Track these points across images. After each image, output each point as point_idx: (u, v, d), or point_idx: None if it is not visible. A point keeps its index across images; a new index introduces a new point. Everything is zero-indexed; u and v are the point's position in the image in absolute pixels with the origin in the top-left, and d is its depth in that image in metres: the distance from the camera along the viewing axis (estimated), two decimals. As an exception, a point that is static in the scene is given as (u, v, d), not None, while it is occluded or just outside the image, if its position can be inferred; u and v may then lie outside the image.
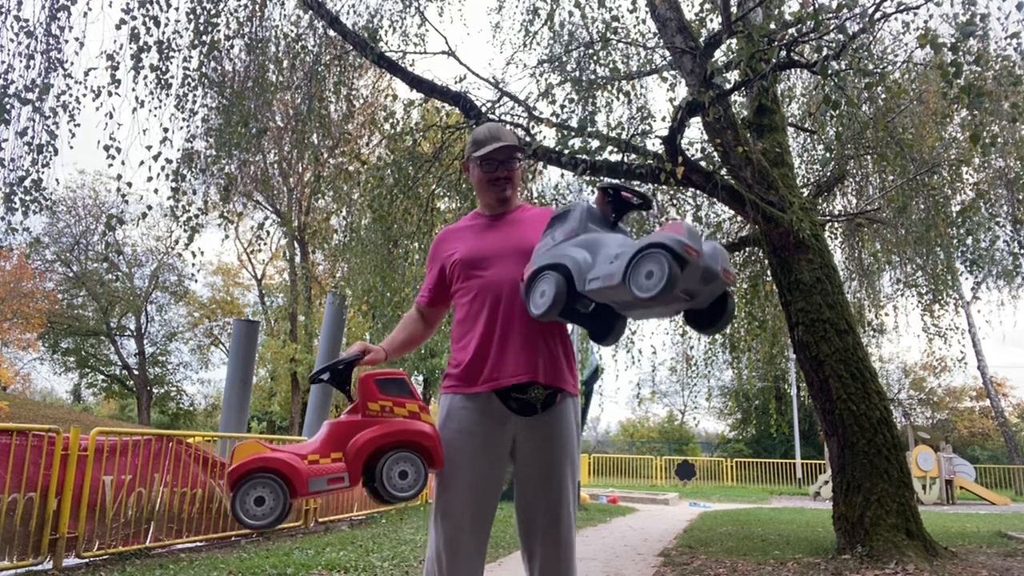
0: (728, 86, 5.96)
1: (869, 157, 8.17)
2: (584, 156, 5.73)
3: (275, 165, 21.35)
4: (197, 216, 5.93)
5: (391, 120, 7.39)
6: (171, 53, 5.67)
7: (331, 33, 6.62)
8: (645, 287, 1.63)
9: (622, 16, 8.04)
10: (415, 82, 6.54)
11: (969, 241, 8.72)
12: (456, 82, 6.97)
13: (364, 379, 1.97)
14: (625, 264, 1.67)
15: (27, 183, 5.15)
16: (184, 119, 5.95)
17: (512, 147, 2.17)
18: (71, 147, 5.63)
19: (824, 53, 4.67)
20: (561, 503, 2.01)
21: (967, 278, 9.86)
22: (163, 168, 5.61)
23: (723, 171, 6.18)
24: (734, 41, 5.50)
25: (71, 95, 5.40)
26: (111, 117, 5.38)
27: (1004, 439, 23.56)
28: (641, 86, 7.74)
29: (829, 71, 4.64)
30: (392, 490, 1.88)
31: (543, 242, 1.96)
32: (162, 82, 5.67)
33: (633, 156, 6.18)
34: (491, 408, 2.01)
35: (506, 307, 2.05)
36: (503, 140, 2.16)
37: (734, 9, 5.64)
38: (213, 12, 5.78)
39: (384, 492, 1.87)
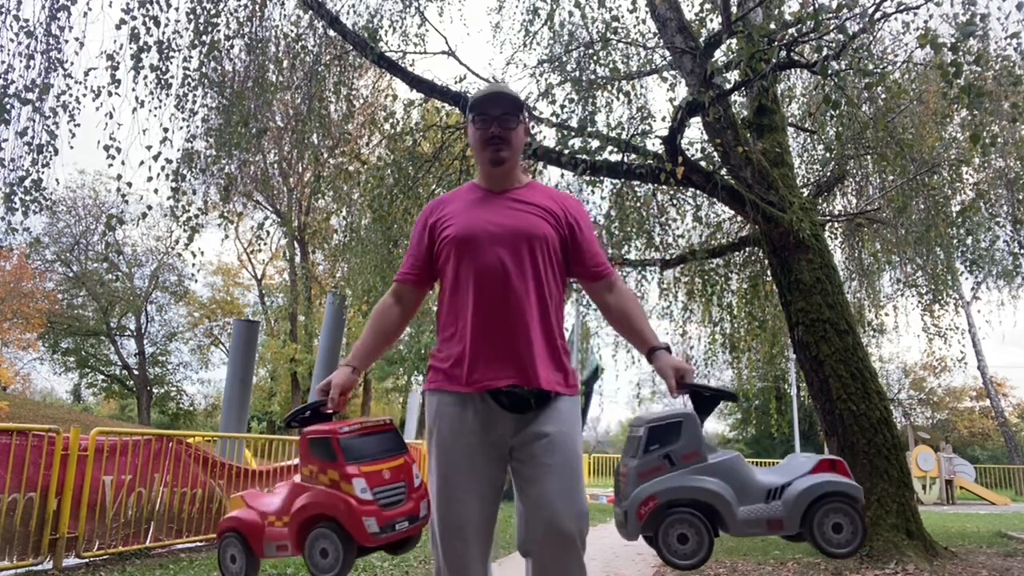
0: (728, 86, 5.96)
1: (869, 157, 8.16)
2: (584, 156, 5.73)
3: (275, 165, 21.35)
4: (197, 216, 5.93)
5: (391, 120, 7.39)
6: (171, 53, 5.67)
7: (331, 33, 6.62)
8: (837, 543, 1.56)
9: (622, 16, 8.04)
10: (415, 82, 6.54)
11: (969, 241, 8.72)
12: (456, 82, 6.98)
13: (301, 437, 1.85)
14: (801, 514, 1.55)
15: (27, 183, 5.15)
16: (184, 119, 5.95)
17: (508, 99, 1.91)
18: (71, 147, 5.63)
19: (824, 53, 4.67)
20: None
21: (967, 278, 9.87)
22: (163, 168, 5.61)
23: (723, 171, 6.17)
24: (734, 41, 5.50)
25: (71, 95, 5.40)
26: (111, 117, 5.38)
27: (1004, 439, 23.54)
28: (641, 86, 7.74)
29: (829, 71, 4.64)
30: (315, 570, 1.74)
31: (647, 459, 1.66)
32: (162, 82, 5.66)
33: (633, 156, 6.18)
34: (483, 407, 1.83)
35: (500, 299, 1.82)
36: (500, 92, 1.92)
37: (734, 9, 5.64)
38: (213, 12, 5.78)
39: (311, 571, 1.78)
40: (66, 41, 5.21)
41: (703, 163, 6.27)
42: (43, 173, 5.22)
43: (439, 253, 1.94)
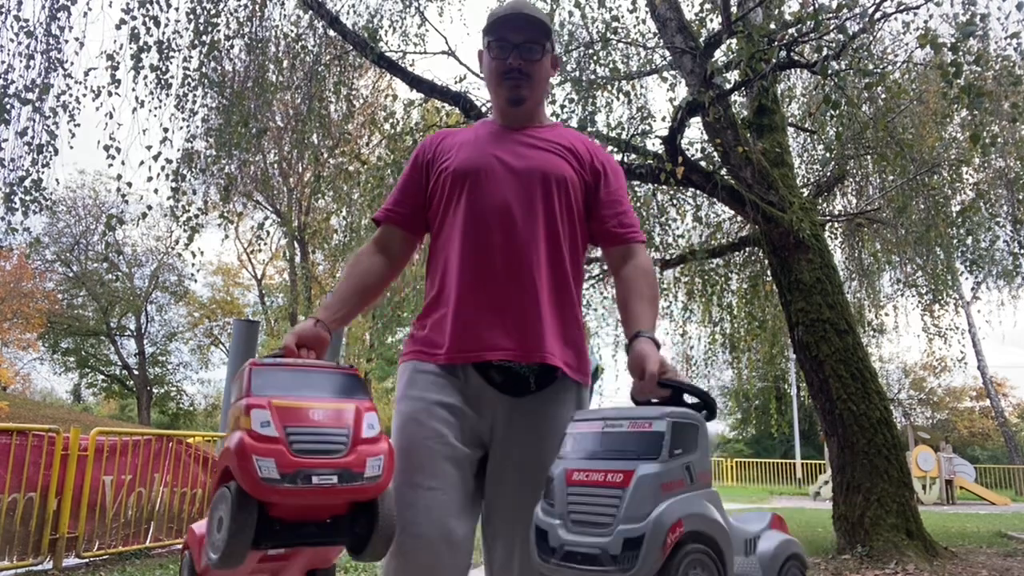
0: (728, 86, 5.97)
1: (869, 157, 8.17)
2: (584, 156, 5.73)
3: (275, 165, 21.35)
4: (197, 216, 5.94)
5: (391, 120, 7.39)
6: (171, 53, 5.68)
7: (331, 33, 6.62)
8: None
9: (622, 16, 8.05)
10: (415, 82, 6.54)
11: (969, 241, 8.73)
12: (456, 82, 6.98)
13: None
14: None
15: (27, 183, 5.15)
16: (184, 119, 5.96)
17: (533, 23, 1.53)
18: (71, 147, 5.63)
19: (824, 53, 4.67)
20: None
21: (967, 278, 9.87)
22: (163, 168, 5.62)
23: (723, 171, 6.18)
24: (734, 41, 5.50)
25: (71, 95, 5.41)
26: (111, 117, 5.39)
27: (1004, 439, 23.55)
28: (641, 86, 7.74)
29: (829, 71, 4.65)
30: (211, 551, 1.21)
31: (673, 466, 1.10)
32: (162, 82, 5.67)
33: (633, 156, 6.18)
34: (467, 383, 1.46)
35: (502, 250, 1.46)
36: (522, 12, 1.53)
37: (734, 9, 5.64)
38: (213, 12, 5.78)
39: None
40: (66, 41, 5.21)
41: (703, 163, 6.27)
42: (43, 173, 5.23)
43: (434, 191, 1.57)
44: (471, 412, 1.45)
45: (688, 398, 1.29)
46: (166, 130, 5.67)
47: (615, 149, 6.02)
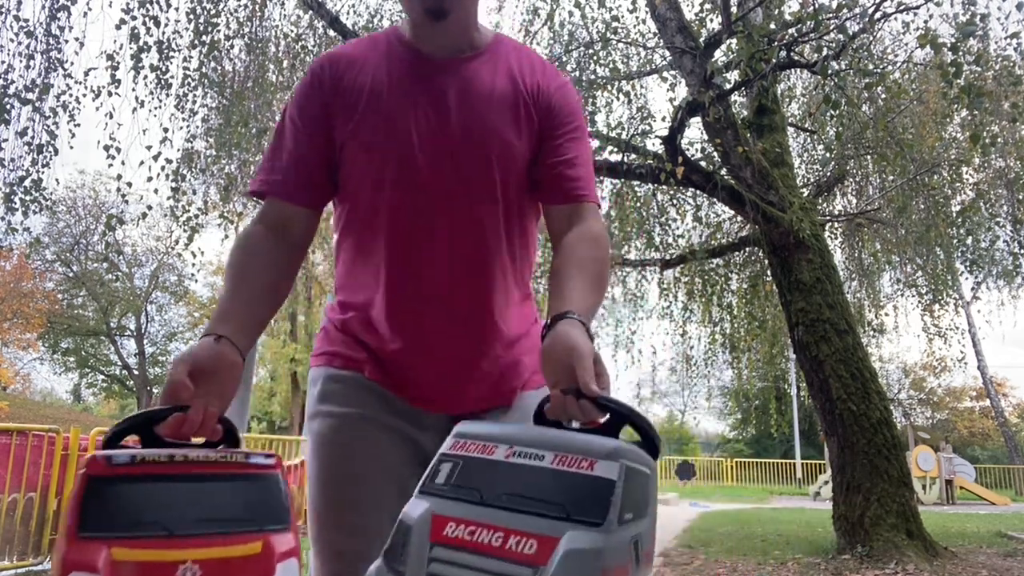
0: (728, 86, 5.97)
1: (869, 157, 8.18)
2: (584, 156, 5.73)
3: (275, 165, 21.35)
4: (197, 216, 5.94)
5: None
6: (171, 53, 5.69)
7: (331, 33, 6.62)
8: None
9: (622, 16, 8.04)
10: (415, 82, 6.54)
11: (969, 241, 8.74)
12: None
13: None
14: None
15: (27, 183, 5.16)
16: (184, 119, 5.97)
17: None
18: (71, 147, 5.64)
19: (824, 53, 4.68)
20: None
21: (967, 278, 9.88)
22: (163, 168, 5.63)
23: (723, 171, 6.18)
24: (734, 41, 5.51)
25: (71, 95, 5.42)
26: (111, 117, 5.40)
27: (1004, 439, 23.55)
28: (641, 86, 7.74)
29: (829, 71, 4.65)
30: None
31: (620, 537, 0.67)
32: (162, 82, 5.68)
33: (633, 156, 6.19)
34: (406, 405, 1.14)
35: (447, 243, 1.09)
36: None
37: (734, 9, 5.65)
38: (213, 12, 5.78)
39: None
40: (66, 41, 5.22)
41: (703, 163, 6.28)
42: (43, 173, 5.24)
43: (343, 153, 1.12)
44: (412, 429, 1.12)
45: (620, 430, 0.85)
46: (166, 130, 5.68)
47: (615, 149, 6.03)
